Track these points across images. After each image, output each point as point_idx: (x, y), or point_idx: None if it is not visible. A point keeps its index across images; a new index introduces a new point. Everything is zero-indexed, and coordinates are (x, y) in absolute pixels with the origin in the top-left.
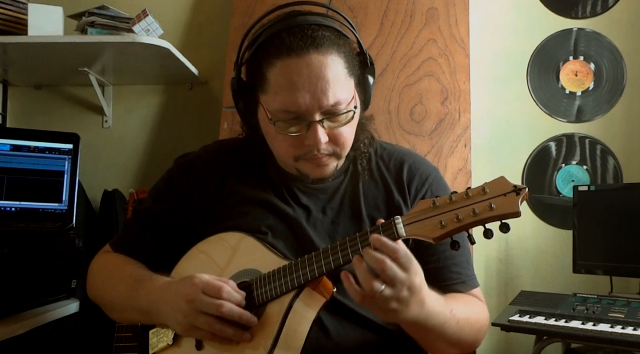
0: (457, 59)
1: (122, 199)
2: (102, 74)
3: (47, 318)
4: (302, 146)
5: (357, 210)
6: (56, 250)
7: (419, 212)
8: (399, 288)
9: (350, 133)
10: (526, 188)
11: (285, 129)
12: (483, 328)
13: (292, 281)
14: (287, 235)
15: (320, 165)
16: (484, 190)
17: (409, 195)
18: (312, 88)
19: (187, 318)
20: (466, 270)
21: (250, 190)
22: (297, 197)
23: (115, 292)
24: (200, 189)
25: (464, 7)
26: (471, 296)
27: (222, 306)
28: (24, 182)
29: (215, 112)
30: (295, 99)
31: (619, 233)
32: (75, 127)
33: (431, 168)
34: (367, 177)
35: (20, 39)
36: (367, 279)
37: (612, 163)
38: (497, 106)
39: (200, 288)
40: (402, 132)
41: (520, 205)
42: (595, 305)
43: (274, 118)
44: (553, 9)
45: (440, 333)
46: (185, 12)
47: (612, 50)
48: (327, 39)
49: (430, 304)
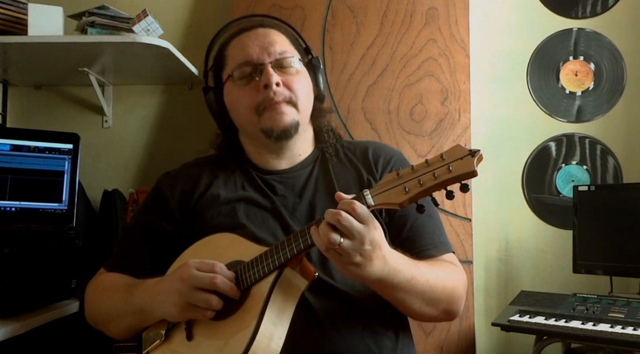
0: (457, 59)
1: (122, 199)
2: (102, 74)
3: (47, 318)
4: (259, 93)
5: (331, 190)
6: (56, 250)
7: (384, 183)
8: (359, 240)
9: (302, 86)
10: (480, 150)
11: (242, 77)
12: (458, 287)
13: (273, 262)
14: (271, 225)
15: (279, 111)
16: (442, 157)
17: (377, 172)
18: (259, 43)
19: (183, 296)
20: (438, 236)
21: (232, 191)
22: (274, 188)
23: (110, 303)
24: (187, 197)
25: (464, 7)
26: (444, 261)
27: (215, 278)
28: (24, 182)
29: None
30: (247, 52)
31: (619, 233)
32: (75, 127)
33: (394, 150)
34: (336, 161)
35: (20, 39)
36: (325, 230)
37: (612, 163)
38: (497, 106)
39: (194, 266)
40: (402, 132)
41: (477, 166)
42: (595, 305)
43: (233, 75)
44: (553, 9)
45: (409, 289)
46: (185, 12)
47: (612, 50)
48: (272, 22)
49: (393, 261)
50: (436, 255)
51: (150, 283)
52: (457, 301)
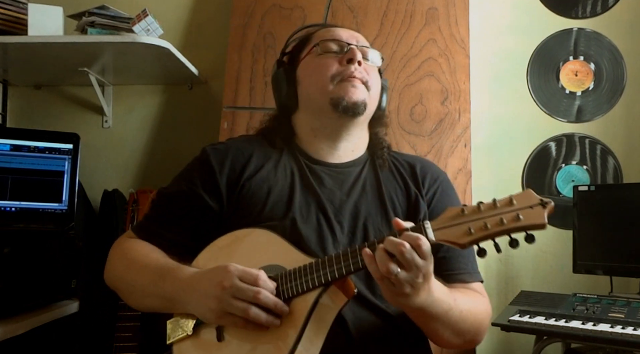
0: (457, 58)
1: (122, 199)
2: (102, 74)
3: (47, 318)
4: (341, 65)
5: (379, 194)
6: (56, 250)
7: (447, 218)
8: (415, 273)
9: (376, 80)
10: (552, 202)
11: (326, 51)
12: (485, 320)
13: (319, 278)
14: (314, 219)
15: (355, 85)
16: (512, 201)
17: (423, 188)
18: (350, 32)
19: (221, 303)
20: (472, 263)
21: (282, 178)
22: (323, 181)
23: (138, 277)
24: (237, 175)
25: (464, 7)
26: (474, 291)
27: (259, 293)
28: (24, 182)
29: (215, 112)
30: (337, 33)
31: (619, 233)
32: (75, 127)
33: (440, 171)
34: (385, 169)
35: (20, 39)
36: (383, 259)
37: (612, 163)
38: (497, 106)
39: (237, 275)
40: (402, 132)
41: (547, 218)
42: (595, 305)
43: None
44: (553, 9)
45: (444, 320)
46: (185, 12)
47: (612, 50)
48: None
49: (436, 292)
50: (468, 281)
51: (186, 275)
52: (482, 334)
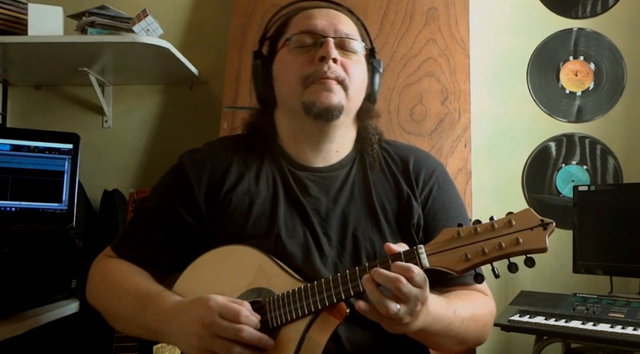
0: (457, 59)
1: (122, 199)
2: (102, 74)
3: (47, 318)
4: (313, 64)
5: (368, 199)
6: (56, 250)
7: (443, 242)
8: (414, 304)
9: (357, 73)
10: (553, 222)
11: (299, 45)
12: (489, 323)
13: (309, 306)
14: (299, 232)
15: (328, 89)
16: (511, 223)
17: (417, 187)
18: (329, 18)
19: (202, 342)
20: None
21: (264, 189)
22: (307, 188)
23: (119, 305)
24: (215, 187)
25: (464, 7)
26: (476, 292)
27: (241, 331)
28: (24, 182)
29: (215, 112)
30: (312, 22)
31: (619, 233)
32: (75, 127)
33: (436, 162)
34: (375, 168)
35: (20, 39)
36: (382, 302)
37: (612, 163)
38: (497, 106)
39: (217, 311)
40: (402, 132)
41: (548, 240)
42: (595, 305)
43: (291, 40)
44: (553, 9)
45: (445, 334)
46: (185, 12)
47: (612, 50)
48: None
49: (434, 310)
50: (470, 283)
51: (167, 306)
52: (486, 335)
